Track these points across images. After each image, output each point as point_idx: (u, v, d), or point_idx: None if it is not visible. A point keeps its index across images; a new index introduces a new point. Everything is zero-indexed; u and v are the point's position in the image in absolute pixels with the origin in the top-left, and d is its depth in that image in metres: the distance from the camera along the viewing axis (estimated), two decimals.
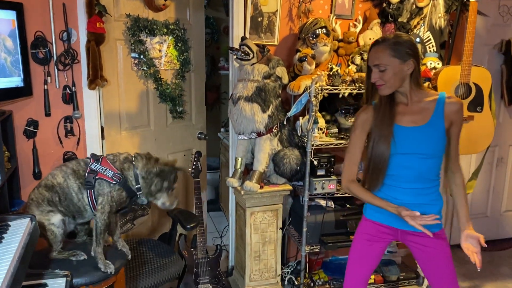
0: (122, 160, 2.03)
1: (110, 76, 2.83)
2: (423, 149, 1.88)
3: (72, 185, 1.95)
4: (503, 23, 3.55)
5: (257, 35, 2.98)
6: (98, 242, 1.97)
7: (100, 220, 1.95)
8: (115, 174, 1.97)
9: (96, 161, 1.99)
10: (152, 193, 2.06)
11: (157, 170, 2.06)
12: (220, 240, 3.70)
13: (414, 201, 1.93)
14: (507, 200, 3.96)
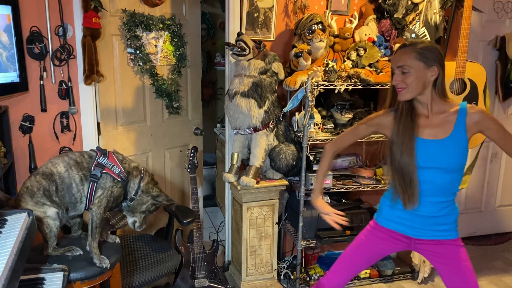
0: (132, 166, 2.12)
1: (106, 71, 2.82)
2: (445, 163, 1.82)
3: (74, 176, 1.96)
4: (497, 19, 3.57)
5: (253, 30, 2.98)
6: (93, 236, 1.98)
7: (96, 214, 1.96)
8: (121, 172, 2.02)
9: (103, 155, 2.02)
10: (134, 211, 2.16)
11: (154, 194, 2.18)
12: (216, 235, 3.71)
13: (432, 213, 1.89)
14: (501, 195, 3.99)
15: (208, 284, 2.86)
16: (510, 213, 4.07)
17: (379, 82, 2.83)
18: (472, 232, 3.97)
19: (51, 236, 1.93)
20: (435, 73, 1.83)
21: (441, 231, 1.89)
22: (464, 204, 3.88)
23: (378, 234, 2.02)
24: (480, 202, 3.95)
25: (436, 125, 1.85)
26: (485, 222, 4.00)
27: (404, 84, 1.82)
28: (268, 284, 3.02)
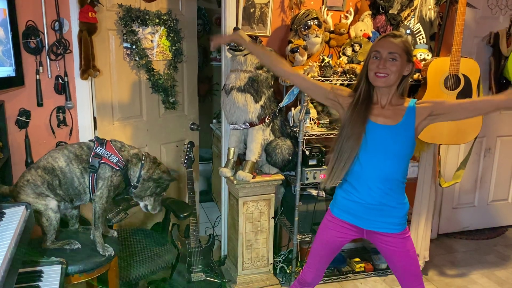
0: (132, 154, 2.11)
1: (102, 66, 2.82)
2: (393, 148, 1.91)
3: (74, 170, 1.98)
4: (491, 16, 3.59)
5: (249, 26, 2.99)
6: (96, 226, 2.00)
7: (98, 205, 1.98)
8: (120, 161, 2.02)
9: (101, 145, 2.03)
10: (141, 196, 2.15)
11: (155, 177, 2.15)
12: (212, 230, 3.73)
13: (380, 201, 1.96)
14: (494, 190, 4.04)
15: (204, 278, 2.88)
16: (502, 207, 4.12)
17: None
18: (466, 226, 4.02)
19: (50, 229, 1.94)
20: (409, 70, 1.93)
21: (391, 223, 1.99)
22: (457, 199, 3.93)
23: (333, 226, 2.10)
24: (474, 197, 3.99)
25: (388, 116, 1.93)
26: (478, 217, 4.05)
27: (389, 71, 1.86)
28: (264, 278, 3.04)
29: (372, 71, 1.89)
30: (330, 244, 2.12)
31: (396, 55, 1.86)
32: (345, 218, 2.06)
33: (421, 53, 2.99)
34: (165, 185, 2.21)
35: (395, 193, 1.97)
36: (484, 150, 3.88)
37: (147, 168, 2.13)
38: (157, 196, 2.20)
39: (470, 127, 2.86)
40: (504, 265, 3.50)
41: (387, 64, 1.86)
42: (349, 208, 2.03)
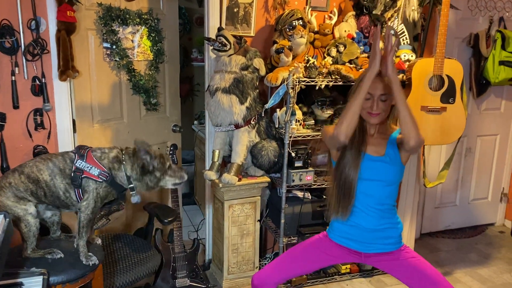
0: (111, 159, 1.95)
1: (81, 67, 2.73)
2: (384, 176, 1.98)
3: (59, 185, 1.87)
4: (471, 17, 3.64)
5: (233, 26, 2.95)
6: (80, 235, 1.91)
7: (84, 215, 1.89)
8: (102, 172, 1.90)
9: (81, 157, 1.91)
10: (154, 187, 2.00)
11: (140, 170, 1.96)
12: (196, 234, 3.66)
13: (376, 225, 2.01)
14: (475, 189, 4.10)
15: (189, 283, 2.82)
16: (482, 206, 4.18)
17: None
18: (447, 225, 4.06)
19: (29, 236, 1.85)
20: None
21: (388, 244, 2.04)
22: (439, 198, 3.97)
23: (329, 247, 2.11)
24: (455, 196, 4.04)
25: (377, 145, 2.01)
26: (460, 216, 4.10)
27: (381, 110, 1.96)
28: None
29: (365, 110, 1.96)
30: (316, 263, 2.13)
31: (387, 95, 1.94)
32: (343, 243, 2.08)
33: (405, 54, 3.00)
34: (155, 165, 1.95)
35: (388, 216, 2.04)
36: (465, 150, 3.93)
37: (130, 167, 1.96)
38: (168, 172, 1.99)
39: (454, 128, 2.89)
40: (486, 263, 3.54)
41: (379, 104, 1.94)
42: (347, 233, 2.06)
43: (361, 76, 1.97)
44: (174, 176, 2.02)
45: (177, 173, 2.03)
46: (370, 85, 1.90)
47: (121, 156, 1.97)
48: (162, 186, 2.03)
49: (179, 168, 2.06)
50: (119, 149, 2.00)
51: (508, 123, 4.03)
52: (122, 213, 3.07)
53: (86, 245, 1.93)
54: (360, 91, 1.87)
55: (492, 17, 3.65)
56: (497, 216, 4.25)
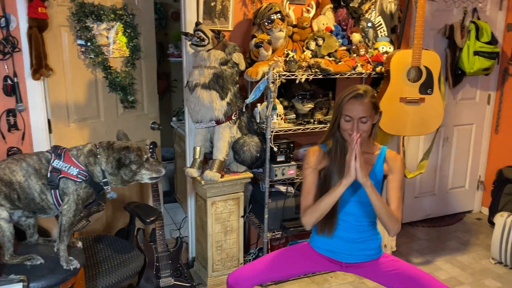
0: (86, 153, 1.86)
1: (55, 65, 2.64)
2: (365, 199, 1.97)
3: (34, 186, 1.79)
4: (446, 8, 3.69)
5: (210, 20, 2.90)
6: (61, 239, 1.84)
7: (65, 218, 1.82)
8: (80, 172, 1.82)
9: (58, 157, 1.83)
10: (129, 181, 1.92)
11: (115, 163, 1.88)
12: (178, 232, 3.62)
13: (357, 237, 2.06)
14: (453, 178, 4.17)
15: (173, 283, 2.78)
16: (460, 194, 4.26)
17: (338, 71, 2.84)
18: (427, 214, 4.13)
19: (4, 241, 1.77)
20: (378, 118, 2.03)
21: (368, 255, 2.09)
22: (419, 188, 4.02)
23: (311, 256, 2.15)
24: (433, 185, 4.11)
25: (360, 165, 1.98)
26: (438, 205, 4.17)
27: (362, 131, 1.95)
28: None
29: (346, 131, 1.97)
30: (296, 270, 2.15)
31: (367, 117, 1.94)
32: (324, 253, 2.12)
33: (383, 46, 3.01)
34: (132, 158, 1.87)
35: (368, 229, 2.08)
36: (443, 139, 4.00)
37: (105, 160, 1.87)
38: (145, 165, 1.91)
39: (432, 118, 2.92)
40: (465, 250, 3.62)
41: (360, 126, 1.94)
42: (327, 244, 2.10)
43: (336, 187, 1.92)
44: (151, 169, 1.94)
45: (154, 166, 1.95)
46: (349, 107, 1.94)
47: (95, 149, 1.89)
48: (138, 180, 1.95)
49: (157, 162, 1.99)
50: (93, 144, 1.93)
51: (483, 112, 4.12)
52: (102, 214, 3.00)
53: (67, 249, 1.87)
54: (334, 194, 1.90)
55: (466, 8, 3.71)
56: (474, 203, 4.34)
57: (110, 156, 1.88)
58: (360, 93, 1.95)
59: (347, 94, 1.97)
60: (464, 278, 3.20)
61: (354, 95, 1.95)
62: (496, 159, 4.14)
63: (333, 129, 2.02)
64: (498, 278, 3.20)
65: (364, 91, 1.96)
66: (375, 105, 1.99)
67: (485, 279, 3.19)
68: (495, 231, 3.32)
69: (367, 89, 1.98)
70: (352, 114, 1.94)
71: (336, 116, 2.00)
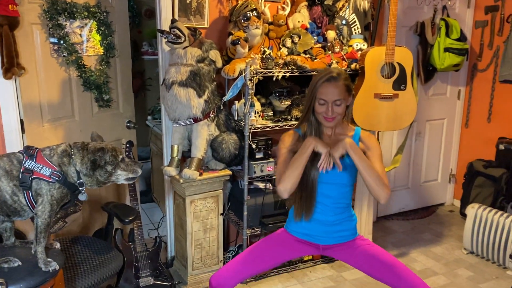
0: (59, 153, 1.82)
1: (27, 64, 2.58)
2: (340, 180, 2.05)
3: (5, 188, 1.74)
4: (417, 6, 3.77)
5: (186, 17, 2.89)
6: (38, 241, 1.80)
7: (41, 219, 1.78)
8: (53, 172, 1.78)
9: (30, 157, 1.79)
10: (105, 182, 1.89)
11: (90, 165, 1.84)
12: (156, 231, 3.59)
13: (334, 219, 2.10)
14: (425, 171, 4.28)
15: (153, 282, 2.76)
16: (433, 188, 4.38)
17: (314, 68, 2.88)
18: (402, 208, 4.22)
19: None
20: (351, 100, 2.08)
21: (344, 236, 2.13)
22: (393, 182, 4.11)
23: (288, 242, 2.16)
24: (407, 179, 4.20)
25: (334, 145, 2.00)
26: (412, 198, 4.27)
27: (336, 114, 1.99)
28: None
29: (320, 114, 2.00)
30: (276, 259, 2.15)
31: (341, 100, 1.98)
32: (302, 237, 2.14)
33: (357, 43, 3.06)
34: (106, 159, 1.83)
35: (344, 211, 2.12)
36: (415, 134, 4.09)
37: (79, 161, 1.83)
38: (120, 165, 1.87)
39: (406, 114, 2.99)
40: (438, 242, 3.72)
41: (334, 108, 1.98)
42: (304, 228, 2.12)
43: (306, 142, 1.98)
44: (127, 170, 1.90)
45: (130, 167, 1.92)
46: (323, 90, 1.97)
47: (69, 150, 1.85)
48: (114, 181, 1.92)
49: (133, 161, 1.95)
50: (67, 144, 1.89)
51: (453, 107, 4.23)
52: (78, 215, 2.95)
53: (44, 251, 1.83)
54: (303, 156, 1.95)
55: (436, 6, 3.80)
56: (447, 196, 4.47)
57: (85, 157, 1.84)
58: (334, 76, 1.97)
59: (320, 77, 1.99)
60: (438, 269, 3.29)
61: (328, 78, 1.97)
62: (466, 152, 4.27)
63: (308, 113, 2.05)
64: (470, 267, 3.31)
65: (337, 73, 1.99)
66: (348, 87, 2.01)
67: (458, 269, 3.29)
68: (467, 222, 3.42)
69: (340, 72, 2.01)
70: (327, 97, 1.96)
71: (310, 100, 2.01)
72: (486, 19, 3.92)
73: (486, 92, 4.01)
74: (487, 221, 3.26)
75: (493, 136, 3.90)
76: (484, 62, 4.00)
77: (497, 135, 3.87)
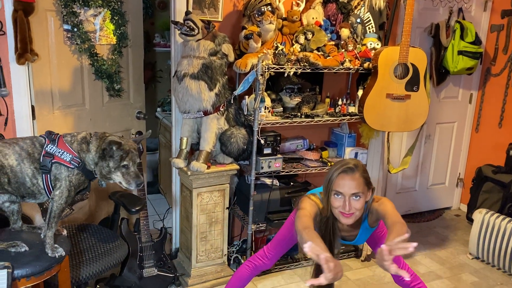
0: (79, 140, 1.86)
1: (40, 50, 2.59)
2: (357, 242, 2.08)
3: (26, 170, 1.77)
4: (432, 7, 3.74)
5: (200, 10, 2.88)
6: (50, 226, 1.82)
7: (57, 204, 1.80)
8: (74, 158, 1.81)
9: (52, 142, 1.82)
10: (106, 176, 1.90)
11: (100, 152, 1.87)
12: (161, 223, 3.60)
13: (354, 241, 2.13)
14: (433, 174, 4.25)
15: (157, 273, 2.78)
16: (440, 191, 4.35)
17: (326, 66, 2.86)
18: (408, 210, 4.20)
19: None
20: (371, 196, 1.90)
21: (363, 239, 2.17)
22: (400, 184, 4.09)
23: None
24: (415, 181, 4.17)
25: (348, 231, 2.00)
26: (419, 200, 4.25)
27: (354, 209, 1.82)
28: (218, 270, 2.99)
29: (337, 209, 1.85)
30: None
31: (359, 193, 1.81)
32: None
33: (371, 42, 3.04)
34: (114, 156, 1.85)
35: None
36: (425, 136, 4.06)
37: (95, 149, 1.86)
38: (121, 169, 1.87)
39: (417, 115, 2.97)
40: (443, 245, 3.70)
41: (352, 203, 1.81)
42: None
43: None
44: (124, 177, 1.89)
45: (128, 176, 1.89)
46: (340, 182, 1.81)
47: (89, 137, 1.89)
48: (110, 179, 1.91)
49: (136, 175, 1.91)
50: (88, 132, 1.93)
51: (464, 110, 4.20)
52: (85, 203, 2.96)
53: (53, 236, 1.85)
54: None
55: (452, 8, 3.76)
56: (454, 200, 4.44)
57: (100, 146, 1.87)
58: (351, 167, 1.82)
59: (336, 168, 1.85)
60: (442, 273, 3.28)
61: (344, 169, 1.82)
62: (475, 157, 4.23)
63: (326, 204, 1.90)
64: (475, 272, 3.29)
65: (354, 164, 1.84)
66: (368, 180, 1.86)
67: (462, 274, 3.27)
68: (474, 227, 3.40)
69: (357, 163, 1.86)
70: (343, 190, 1.80)
71: (326, 193, 1.87)
72: (502, 23, 3.87)
73: (499, 97, 3.97)
74: (494, 227, 3.23)
75: (504, 142, 3.87)
76: (498, 66, 3.96)
77: (508, 140, 3.83)
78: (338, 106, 3.13)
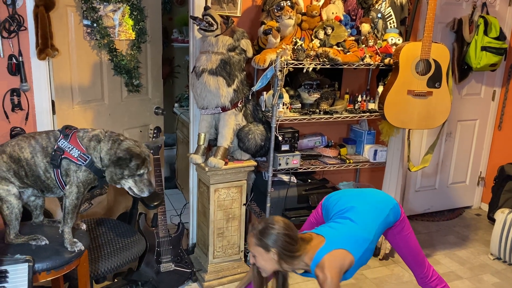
0: (90, 137, 1.85)
1: (60, 45, 2.61)
2: None
3: (39, 163, 1.78)
4: (455, 2, 3.65)
5: (219, 5, 2.86)
6: (65, 221, 1.83)
7: (68, 200, 1.81)
8: (81, 155, 1.80)
9: (65, 137, 1.82)
10: (115, 181, 1.87)
11: (114, 158, 1.83)
12: (178, 218, 3.61)
13: None
14: (454, 173, 4.17)
15: (174, 268, 2.79)
16: (460, 190, 4.27)
17: (346, 61, 2.82)
18: (427, 208, 4.13)
19: (11, 219, 1.77)
20: (276, 256, 1.84)
21: None
22: (420, 182, 4.02)
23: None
24: (435, 180, 4.10)
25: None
26: (439, 199, 4.17)
27: (259, 264, 1.91)
28: (235, 266, 2.98)
29: None
30: None
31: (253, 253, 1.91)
32: None
33: (392, 37, 2.99)
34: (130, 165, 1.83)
35: None
36: (446, 134, 3.98)
37: (105, 150, 1.83)
38: (134, 177, 1.86)
39: (439, 112, 2.91)
40: (463, 245, 3.63)
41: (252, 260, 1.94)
42: None
43: None
44: (136, 185, 1.88)
45: (141, 184, 1.88)
46: None
47: (102, 135, 1.86)
48: (118, 184, 1.90)
49: (149, 183, 1.91)
50: (103, 130, 1.91)
51: (487, 108, 4.10)
52: (104, 198, 2.99)
53: (71, 231, 1.86)
54: None
55: (476, 3, 3.67)
56: (474, 199, 4.35)
57: (114, 149, 1.84)
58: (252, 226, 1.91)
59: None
60: (462, 273, 3.22)
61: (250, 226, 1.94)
62: (498, 155, 4.14)
63: None
64: (496, 273, 3.22)
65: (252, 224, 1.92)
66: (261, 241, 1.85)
67: (483, 274, 3.20)
68: (496, 227, 3.32)
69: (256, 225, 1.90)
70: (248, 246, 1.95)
71: None
72: None
73: None
74: None
75: None
76: None
77: None
78: (357, 102, 3.09)
